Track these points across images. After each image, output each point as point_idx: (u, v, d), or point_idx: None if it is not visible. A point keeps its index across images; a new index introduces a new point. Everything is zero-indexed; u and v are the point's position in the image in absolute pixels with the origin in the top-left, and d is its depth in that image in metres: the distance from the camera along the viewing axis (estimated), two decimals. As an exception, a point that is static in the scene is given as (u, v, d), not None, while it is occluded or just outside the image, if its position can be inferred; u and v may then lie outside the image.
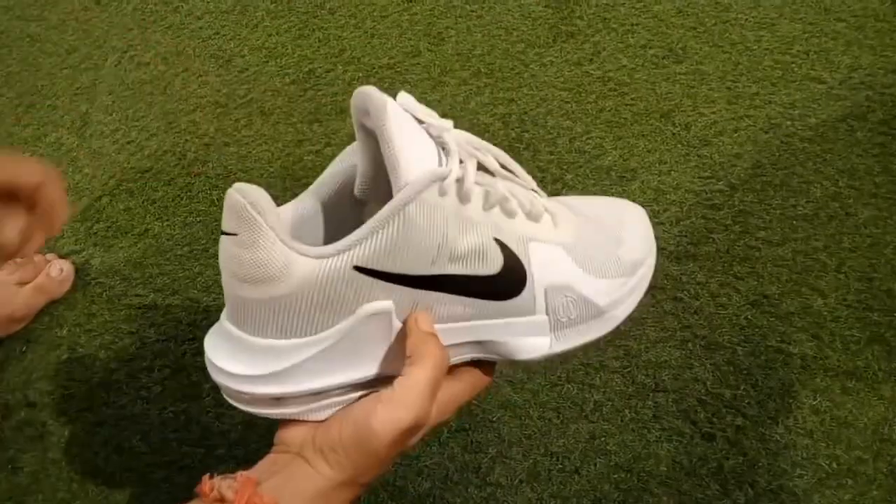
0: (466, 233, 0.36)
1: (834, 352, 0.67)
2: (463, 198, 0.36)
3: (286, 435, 0.39)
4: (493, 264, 0.38)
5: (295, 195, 0.84)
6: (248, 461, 0.66)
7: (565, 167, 0.81)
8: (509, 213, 0.38)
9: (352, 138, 0.96)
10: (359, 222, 0.36)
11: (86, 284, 0.79)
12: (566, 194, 0.78)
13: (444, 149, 0.36)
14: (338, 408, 0.38)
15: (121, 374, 0.72)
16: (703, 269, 0.72)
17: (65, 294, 0.77)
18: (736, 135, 0.82)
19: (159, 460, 0.67)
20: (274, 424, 0.67)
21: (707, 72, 0.87)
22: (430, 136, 0.36)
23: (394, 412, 0.34)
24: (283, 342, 0.36)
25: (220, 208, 0.85)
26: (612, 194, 0.78)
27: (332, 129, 0.88)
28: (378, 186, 0.39)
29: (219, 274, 0.81)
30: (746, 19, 0.92)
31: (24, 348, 0.74)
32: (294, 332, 0.36)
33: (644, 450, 0.63)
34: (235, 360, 0.37)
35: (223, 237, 0.35)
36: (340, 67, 0.95)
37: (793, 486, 0.61)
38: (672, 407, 0.65)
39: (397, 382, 0.35)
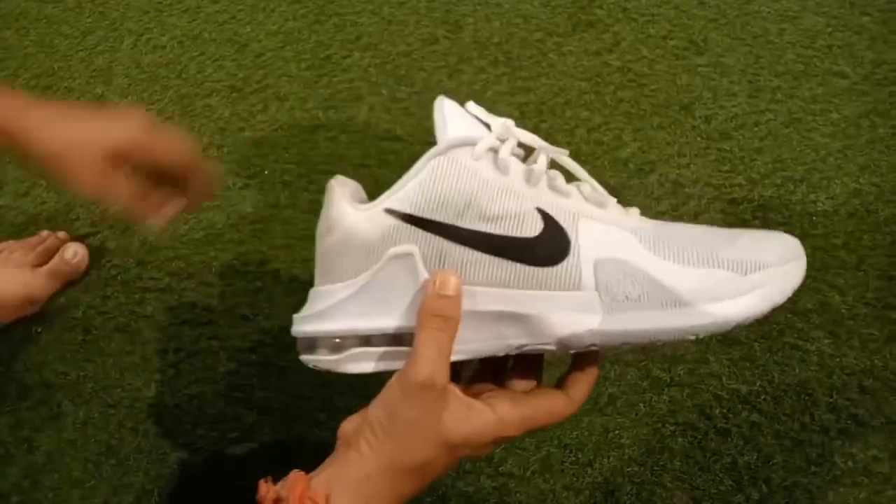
0: (502, 198, 0.38)
1: (851, 349, 0.66)
2: (501, 168, 0.39)
3: (343, 428, 0.40)
4: (530, 229, 0.38)
5: (310, 182, 0.84)
6: (261, 444, 0.67)
7: (583, 158, 0.80)
8: (560, 192, 0.39)
9: (367, 126, 0.95)
10: None
11: (101, 267, 0.79)
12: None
13: (489, 129, 0.40)
14: (368, 362, 0.41)
15: (135, 357, 0.72)
16: (720, 264, 0.71)
17: (80, 276, 0.78)
18: (756, 129, 0.81)
19: (172, 442, 0.67)
20: (288, 411, 0.68)
21: (728, 64, 0.86)
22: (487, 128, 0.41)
23: (405, 372, 0.37)
24: (327, 286, 0.41)
25: (235, 193, 0.85)
26: (630, 186, 0.78)
27: (347, 115, 0.88)
28: None
29: (234, 258, 0.82)
30: (769, 12, 0.91)
31: (39, 329, 0.74)
32: (337, 276, 0.41)
33: (658, 444, 0.63)
34: (303, 310, 0.43)
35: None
36: (357, 54, 0.94)
37: (807, 484, 0.61)
38: (687, 401, 0.65)
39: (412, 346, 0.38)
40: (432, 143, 0.87)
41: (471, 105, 0.42)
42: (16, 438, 0.68)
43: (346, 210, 0.40)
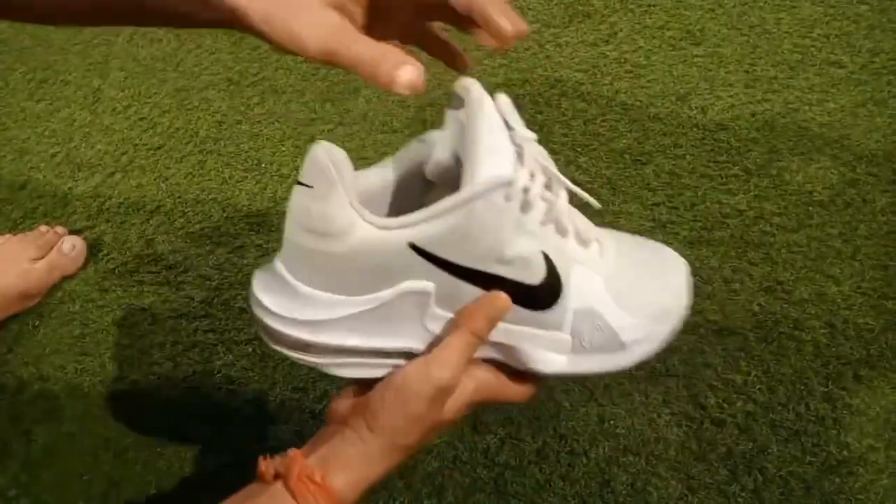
0: (518, 240, 0.38)
1: (847, 339, 0.66)
2: (525, 207, 0.38)
3: (333, 408, 0.42)
4: (535, 275, 0.39)
5: (307, 174, 0.84)
6: (258, 437, 0.67)
7: (579, 150, 0.80)
8: (562, 232, 0.40)
9: (363, 118, 0.95)
10: (422, 201, 0.39)
11: (98, 261, 0.79)
12: (579, 177, 0.78)
13: (520, 157, 0.37)
14: (357, 369, 0.41)
15: (132, 350, 0.72)
16: (716, 255, 0.71)
17: (77, 270, 0.78)
18: (753, 119, 0.81)
19: (170, 435, 0.67)
20: (285, 403, 0.68)
21: (725, 54, 0.86)
22: (513, 143, 0.38)
23: (428, 369, 0.38)
24: (325, 295, 0.39)
25: (232, 186, 0.86)
26: (626, 177, 0.77)
27: (344, 108, 0.88)
28: (449, 174, 0.41)
29: (231, 252, 0.82)
30: (766, 1, 0.90)
31: (37, 323, 0.75)
32: (338, 289, 0.38)
33: (653, 434, 0.63)
34: (277, 300, 0.40)
35: (298, 187, 0.37)
36: (353, 46, 0.94)
37: (802, 473, 0.61)
38: (682, 391, 0.65)
39: (438, 345, 0.39)
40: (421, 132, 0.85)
41: (501, 99, 0.39)
42: (14, 432, 0.68)
43: (357, 221, 0.36)
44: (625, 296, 0.42)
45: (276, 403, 0.68)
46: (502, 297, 0.39)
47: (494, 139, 0.37)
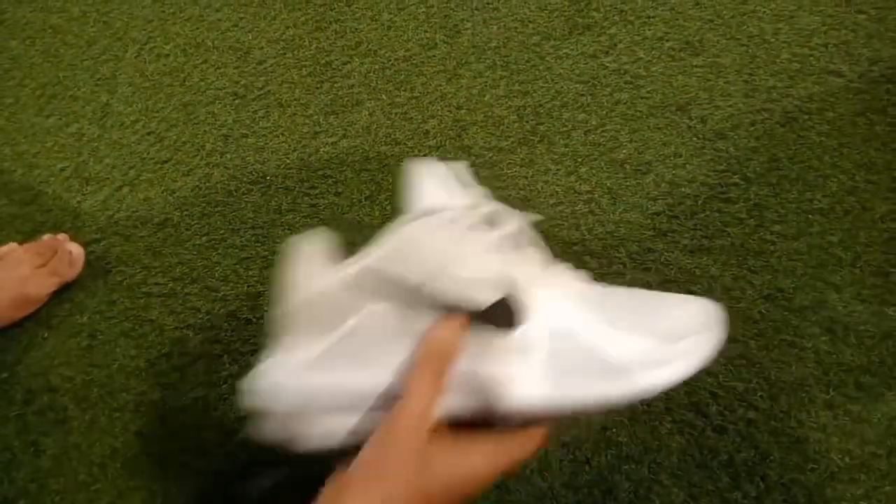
0: (466, 264, 0.39)
1: (848, 347, 0.67)
2: (463, 237, 0.40)
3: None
4: (490, 294, 0.39)
5: (312, 186, 0.85)
6: (263, 447, 0.67)
7: (580, 160, 0.81)
8: (520, 258, 0.41)
9: (367, 131, 0.96)
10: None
11: (106, 273, 0.80)
12: (580, 187, 0.78)
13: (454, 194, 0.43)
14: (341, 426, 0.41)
15: (140, 361, 0.73)
16: (716, 263, 0.72)
17: (76, 276, 0.79)
18: (752, 128, 0.81)
19: (177, 445, 0.68)
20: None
21: (724, 64, 0.87)
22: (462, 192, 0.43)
23: (403, 402, 0.37)
24: (306, 338, 0.41)
25: (238, 199, 0.86)
26: (627, 187, 0.78)
27: (348, 120, 0.89)
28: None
29: (237, 263, 0.82)
30: (765, 11, 0.91)
31: (45, 335, 0.76)
32: (316, 332, 0.41)
33: (655, 441, 0.64)
34: (268, 364, 0.42)
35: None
36: (357, 60, 0.95)
37: (804, 480, 0.61)
38: (684, 399, 0.65)
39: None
40: (429, 152, 0.88)
41: (458, 167, 0.44)
42: (22, 442, 0.69)
43: (316, 272, 0.41)
44: (608, 312, 0.40)
45: (282, 413, 0.69)
46: (457, 316, 0.39)
47: (431, 188, 0.42)
